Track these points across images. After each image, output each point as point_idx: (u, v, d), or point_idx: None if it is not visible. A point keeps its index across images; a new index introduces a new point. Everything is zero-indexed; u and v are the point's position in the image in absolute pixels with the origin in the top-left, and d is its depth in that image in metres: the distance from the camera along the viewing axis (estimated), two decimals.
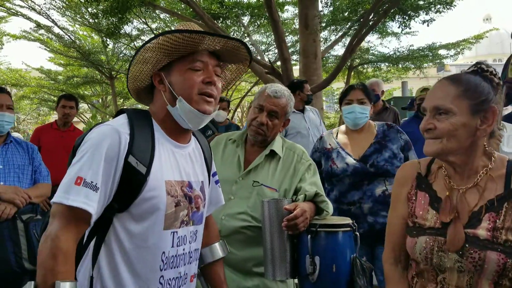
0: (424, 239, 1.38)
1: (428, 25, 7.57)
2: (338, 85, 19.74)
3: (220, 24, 8.58)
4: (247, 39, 11.26)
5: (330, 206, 2.05)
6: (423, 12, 7.92)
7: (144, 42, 1.43)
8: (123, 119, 1.38)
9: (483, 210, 1.33)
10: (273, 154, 2.19)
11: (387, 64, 14.74)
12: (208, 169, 1.62)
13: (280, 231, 1.92)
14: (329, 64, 14.59)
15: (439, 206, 1.41)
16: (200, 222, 1.53)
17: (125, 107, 19.36)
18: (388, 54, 14.24)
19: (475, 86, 1.34)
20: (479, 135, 1.35)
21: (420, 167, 1.53)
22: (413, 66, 14.55)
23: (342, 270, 1.85)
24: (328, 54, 13.82)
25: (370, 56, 14.81)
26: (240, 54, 1.50)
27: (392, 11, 7.58)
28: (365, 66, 15.38)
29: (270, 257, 1.93)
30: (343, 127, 2.92)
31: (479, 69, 1.39)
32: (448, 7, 7.71)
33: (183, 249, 1.44)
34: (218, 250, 1.74)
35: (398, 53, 13.97)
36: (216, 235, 1.80)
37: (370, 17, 7.26)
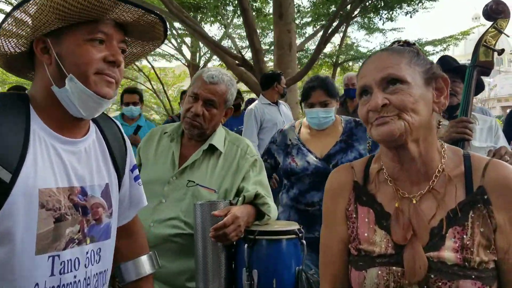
0: (376, 271, 1.05)
1: (411, 16, 7.36)
2: None
3: (198, 15, 8.29)
4: (224, 30, 10.93)
5: (273, 210, 1.76)
6: (406, 5, 7.71)
7: None
8: None
9: (444, 224, 1.02)
10: (213, 149, 1.89)
11: None
12: (118, 165, 1.28)
13: None
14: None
15: (388, 223, 1.08)
16: (106, 237, 1.21)
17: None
18: (374, 50, 14.05)
19: (417, 53, 1.09)
20: (438, 110, 1.07)
21: (355, 173, 1.19)
22: None
23: (285, 285, 1.56)
24: (308, 48, 13.55)
25: (355, 53, 14.63)
26: (154, 32, 1.21)
27: (374, 4, 7.34)
28: (350, 62, 15.18)
29: (202, 270, 1.65)
30: (306, 121, 2.60)
31: (405, 44, 1.15)
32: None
33: (74, 276, 1.10)
34: (144, 265, 1.42)
35: None
36: (143, 246, 1.48)
37: (348, 8, 7.00)
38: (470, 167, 1.06)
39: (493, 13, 2.04)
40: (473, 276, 0.96)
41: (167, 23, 1.23)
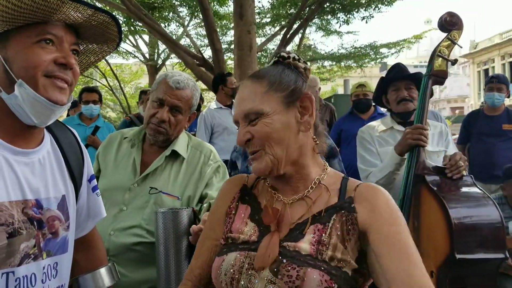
0: (234, 255, 1.09)
1: (366, 22, 7.56)
2: None
3: (155, 15, 8.11)
4: (182, 29, 10.77)
5: None
6: (363, 9, 7.90)
7: None
8: None
9: (309, 221, 1.08)
10: (175, 155, 1.86)
11: (330, 62, 14.82)
12: (75, 176, 1.24)
13: (178, 248, 1.60)
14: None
15: (259, 217, 1.14)
16: (63, 251, 1.17)
17: None
18: (331, 52, 14.33)
19: (279, 77, 1.14)
20: (304, 130, 1.13)
21: (248, 180, 1.27)
22: (355, 65, 14.72)
23: None
24: (268, 48, 13.67)
25: (313, 54, 14.85)
26: (108, 33, 1.17)
27: (332, 6, 7.48)
28: (309, 63, 15.41)
29: (164, 279, 1.61)
30: None
31: (280, 58, 1.19)
32: (387, 4, 7.72)
33: None
34: (103, 277, 1.36)
35: (341, 51, 14.07)
36: (102, 258, 1.45)
37: (307, 9, 7.09)
38: (346, 185, 1.14)
39: (448, 24, 2.13)
40: (322, 268, 1.00)
41: (119, 21, 1.19)
